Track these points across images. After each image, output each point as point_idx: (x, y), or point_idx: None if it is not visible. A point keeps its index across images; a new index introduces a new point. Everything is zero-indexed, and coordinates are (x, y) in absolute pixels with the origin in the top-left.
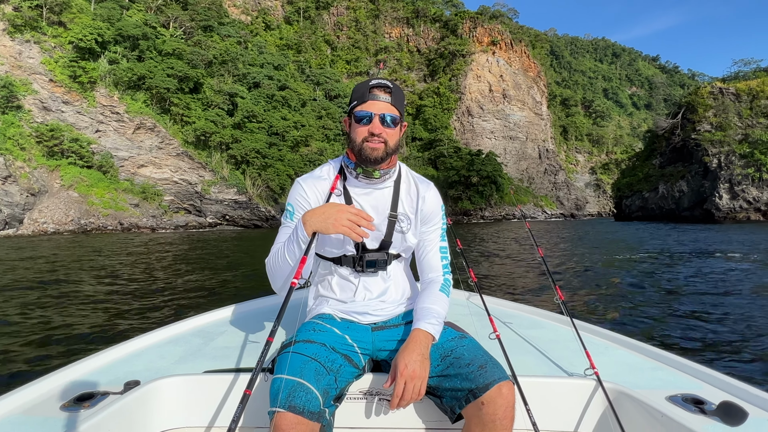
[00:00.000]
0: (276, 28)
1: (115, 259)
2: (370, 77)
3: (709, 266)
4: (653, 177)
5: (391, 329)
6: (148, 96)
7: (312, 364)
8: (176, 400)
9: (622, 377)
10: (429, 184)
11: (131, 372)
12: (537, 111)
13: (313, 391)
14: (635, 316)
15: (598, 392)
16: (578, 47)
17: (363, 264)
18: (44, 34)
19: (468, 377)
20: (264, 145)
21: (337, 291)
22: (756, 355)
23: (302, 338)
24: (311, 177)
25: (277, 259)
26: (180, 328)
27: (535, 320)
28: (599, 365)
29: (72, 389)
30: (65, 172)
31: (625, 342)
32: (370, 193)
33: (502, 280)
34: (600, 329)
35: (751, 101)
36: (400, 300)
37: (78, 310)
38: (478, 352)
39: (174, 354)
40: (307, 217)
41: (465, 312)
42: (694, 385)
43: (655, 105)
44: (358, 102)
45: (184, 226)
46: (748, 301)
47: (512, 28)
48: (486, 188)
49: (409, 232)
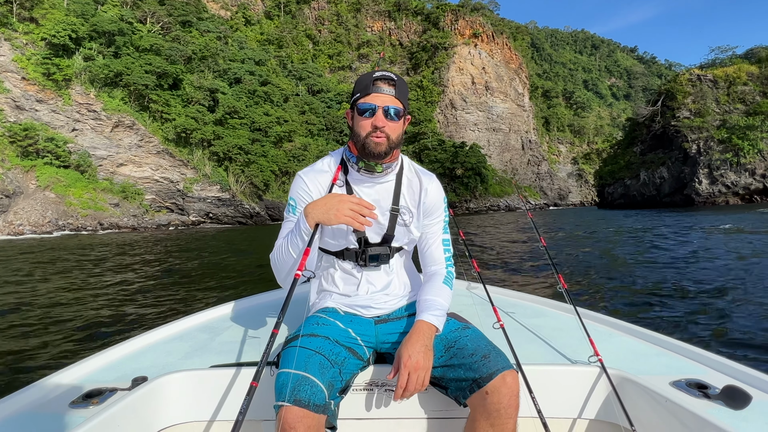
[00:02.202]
0: (256, 23)
1: (113, 259)
2: (374, 69)
3: (707, 248)
4: (634, 164)
5: (394, 322)
6: (126, 93)
7: (316, 357)
8: (184, 395)
9: (626, 363)
10: (431, 177)
11: (138, 368)
12: (519, 103)
13: (318, 385)
14: (636, 300)
15: (602, 378)
16: (558, 39)
17: (366, 258)
18: (15, 31)
19: (472, 367)
20: (247, 141)
21: (341, 285)
22: (759, 339)
23: (306, 332)
24: (312, 170)
25: (282, 252)
26: (186, 324)
27: (539, 309)
28: (603, 352)
29: (80, 386)
30: (41, 173)
31: (629, 329)
32: (372, 186)
33: (503, 269)
34: (603, 316)
35: (728, 87)
36: (403, 293)
37: (82, 308)
38: (481, 342)
39: (180, 350)
40: (309, 209)
41: (468, 302)
42: (697, 369)
43: (634, 95)
44: (362, 94)
45: (166, 225)
46: (753, 285)
47: (493, 20)
48: (471, 180)
49: (412, 225)
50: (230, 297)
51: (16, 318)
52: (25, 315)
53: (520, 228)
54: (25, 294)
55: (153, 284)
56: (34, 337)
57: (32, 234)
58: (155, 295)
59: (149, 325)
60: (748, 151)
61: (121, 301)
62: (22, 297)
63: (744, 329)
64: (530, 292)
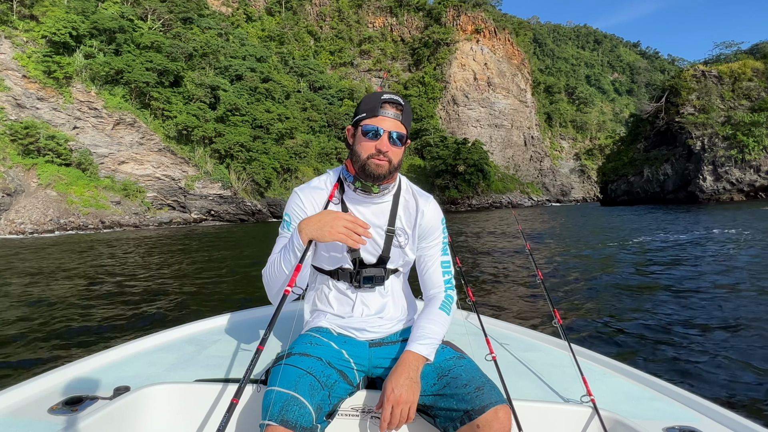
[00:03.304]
0: (257, 19)
1: (114, 258)
2: (382, 91)
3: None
4: (638, 161)
5: (388, 346)
6: (127, 90)
7: (307, 378)
8: (166, 408)
9: (619, 406)
10: (428, 198)
11: (121, 377)
12: (521, 98)
13: (306, 406)
14: (631, 336)
15: (594, 420)
16: (561, 35)
17: (360, 279)
18: (15, 29)
19: (464, 398)
20: (248, 139)
21: (335, 305)
22: (757, 387)
23: (298, 351)
24: (308, 187)
25: (274, 268)
26: (173, 335)
27: (533, 343)
28: (596, 392)
29: (61, 392)
30: (42, 171)
31: (623, 369)
32: (368, 206)
33: (499, 298)
34: (598, 355)
35: (732, 83)
36: (399, 316)
37: (70, 311)
38: (475, 374)
39: (166, 361)
40: (302, 225)
41: (462, 331)
42: (692, 416)
43: (637, 90)
44: (368, 115)
45: (168, 223)
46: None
47: (495, 16)
48: (473, 177)
49: (407, 247)
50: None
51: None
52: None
53: (518, 248)
54: (15, 295)
55: (153, 287)
56: (14, 339)
57: (33, 234)
58: (152, 298)
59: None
60: (753, 148)
61: (114, 304)
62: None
63: (745, 376)
64: (524, 323)
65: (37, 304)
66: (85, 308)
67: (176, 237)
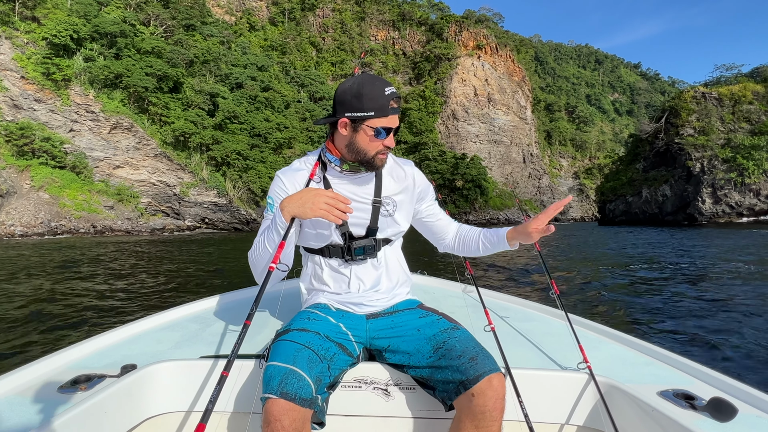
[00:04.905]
0: (260, 28)
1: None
2: (380, 81)
3: (706, 267)
4: (637, 181)
5: (385, 317)
6: (126, 95)
7: (305, 351)
8: (172, 385)
9: (615, 371)
10: (410, 164)
11: (128, 356)
12: (521, 115)
13: (305, 378)
14: (629, 310)
15: (591, 386)
16: (562, 53)
17: (351, 252)
18: (16, 30)
19: (459, 369)
20: (245, 147)
21: (331, 283)
22: (747, 352)
23: (297, 327)
24: (290, 169)
25: (258, 249)
26: (177, 314)
27: (531, 313)
28: (592, 359)
29: (69, 371)
30: (36, 173)
31: (618, 337)
32: (351, 181)
33: (497, 271)
34: (594, 324)
35: (733, 106)
36: (395, 288)
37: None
38: (469, 344)
39: (171, 339)
40: (284, 203)
41: (461, 304)
42: (685, 380)
43: (637, 111)
44: (377, 114)
45: (161, 230)
46: (744, 298)
47: (497, 32)
48: (471, 192)
49: (396, 214)
50: None
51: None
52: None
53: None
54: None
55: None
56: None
57: (23, 236)
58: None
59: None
60: (753, 171)
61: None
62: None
63: (733, 340)
64: (523, 296)
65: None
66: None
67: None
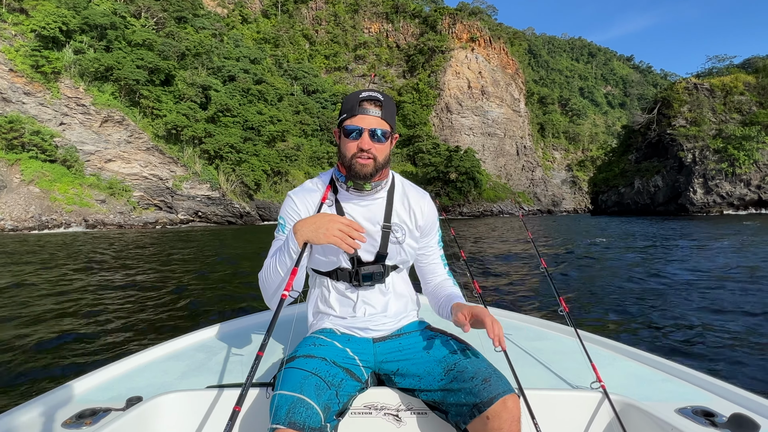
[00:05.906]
0: (253, 21)
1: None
2: (360, 89)
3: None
4: (629, 172)
5: (392, 339)
6: (116, 88)
7: (312, 379)
8: (179, 416)
9: (630, 389)
10: (424, 194)
11: (133, 388)
12: (515, 108)
13: (313, 407)
14: (639, 321)
15: (605, 404)
16: (555, 46)
17: (359, 278)
18: (4, 21)
19: (472, 391)
20: (239, 140)
21: (337, 307)
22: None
23: (302, 353)
24: (302, 190)
25: (269, 272)
26: (182, 343)
27: (540, 332)
28: (606, 377)
29: (74, 406)
30: (26, 167)
31: (632, 353)
32: (362, 204)
33: (503, 287)
34: (605, 340)
35: (724, 97)
36: (403, 312)
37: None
38: (482, 365)
39: (177, 369)
40: (297, 227)
41: None
42: (704, 396)
43: (629, 104)
44: (348, 115)
45: (154, 223)
46: (762, 308)
47: (491, 25)
48: (464, 184)
49: (405, 243)
50: None
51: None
52: None
53: (518, 239)
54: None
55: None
56: (22, 352)
57: (13, 231)
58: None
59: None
60: (744, 162)
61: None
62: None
63: (756, 354)
64: (531, 313)
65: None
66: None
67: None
